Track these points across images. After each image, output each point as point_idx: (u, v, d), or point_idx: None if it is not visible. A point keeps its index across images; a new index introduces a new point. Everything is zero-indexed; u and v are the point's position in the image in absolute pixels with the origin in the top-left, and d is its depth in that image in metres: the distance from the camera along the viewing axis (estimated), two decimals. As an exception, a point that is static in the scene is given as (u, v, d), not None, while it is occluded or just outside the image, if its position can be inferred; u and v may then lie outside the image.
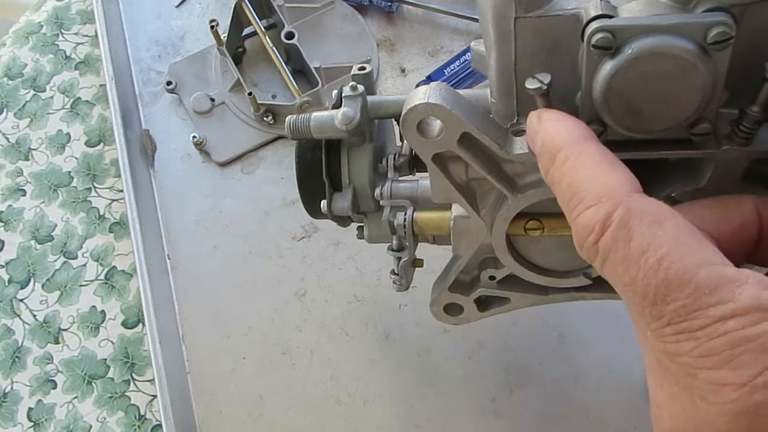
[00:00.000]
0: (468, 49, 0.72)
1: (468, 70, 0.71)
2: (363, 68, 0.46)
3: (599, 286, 0.44)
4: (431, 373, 0.61)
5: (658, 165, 0.35)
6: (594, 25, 0.28)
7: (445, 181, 0.39)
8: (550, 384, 0.59)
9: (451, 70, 0.71)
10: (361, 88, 0.44)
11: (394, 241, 0.47)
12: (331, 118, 0.43)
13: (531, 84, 0.31)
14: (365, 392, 0.60)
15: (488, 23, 0.32)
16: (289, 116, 0.44)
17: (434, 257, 0.51)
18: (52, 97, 0.77)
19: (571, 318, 0.61)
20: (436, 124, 0.36)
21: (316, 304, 0.64)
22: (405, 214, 0.45)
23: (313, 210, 0.48)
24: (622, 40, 0.28)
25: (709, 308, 0.23)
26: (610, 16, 0.29)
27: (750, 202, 0.30)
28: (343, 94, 0.44)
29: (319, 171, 0.46)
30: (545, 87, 0.31)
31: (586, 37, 0.29)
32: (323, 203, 0.47)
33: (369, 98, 0.45)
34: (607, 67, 0.29)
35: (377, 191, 0.46)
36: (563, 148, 0.29)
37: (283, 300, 0.65)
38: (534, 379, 0.59)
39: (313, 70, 0.71)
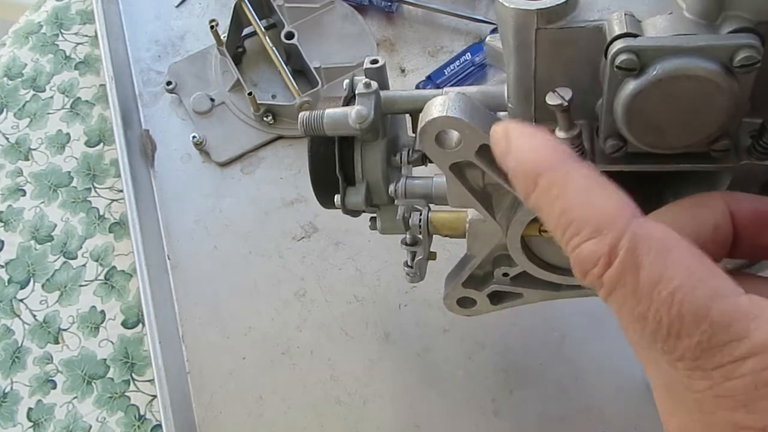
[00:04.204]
0: (467, 50, 0.72)
1: (468, 70, 0.71)
2: (375, 61, 0.44)
3: None
4: (431, 373, 0.61)
5: (674, 172, 0.34)
6: (618, 45, 0.28)
7: (462, 188, 0.39)
8: (550, 384, 0.59)
9: (451, 70, 0.71)
10: (374, 85, 0.43)
11: (408, 236, 0.47)
12: (344, 116, 0.42)
13: (552, 100, 0.30)
14: (365, 392, 0.60)
15: (508, 32, 0.32)
16: (302, 113, 0.43)
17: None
18: (52, 97, 0.77)
19: (572, 318, 0.61)
20: (454, 135, 0.36)
21: (316, 304, 0.64)
22: (420, 214, 0.45)
23: (327, 203, 0.48)
24: (646, 61, 0.27)
25: (724, 346, 0.23)
26: (635, 35, 0.28)
27: (719, 200, 0.29)
28: (357, 92, 0.43)
29: (332, 166, 0.45)
30: (567, 104, 0.30)
31: (609, 57, 0.28)
32: (337, 198, 0.46)
33: (382, 93, 0.44)
34: (630, 86, 0.28)
35: (391, 188, 0.45)
36: (544, 172, 0.27)
37: (283, 300, 0.65)
38: (534, 379, 0.59)
39: (313, 70, 0.71)
